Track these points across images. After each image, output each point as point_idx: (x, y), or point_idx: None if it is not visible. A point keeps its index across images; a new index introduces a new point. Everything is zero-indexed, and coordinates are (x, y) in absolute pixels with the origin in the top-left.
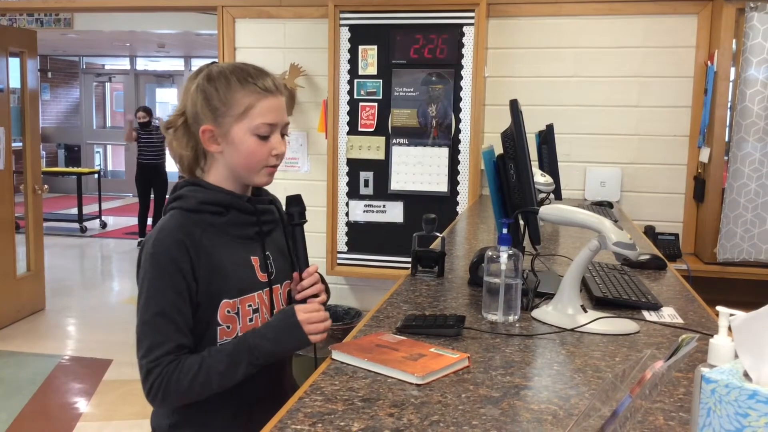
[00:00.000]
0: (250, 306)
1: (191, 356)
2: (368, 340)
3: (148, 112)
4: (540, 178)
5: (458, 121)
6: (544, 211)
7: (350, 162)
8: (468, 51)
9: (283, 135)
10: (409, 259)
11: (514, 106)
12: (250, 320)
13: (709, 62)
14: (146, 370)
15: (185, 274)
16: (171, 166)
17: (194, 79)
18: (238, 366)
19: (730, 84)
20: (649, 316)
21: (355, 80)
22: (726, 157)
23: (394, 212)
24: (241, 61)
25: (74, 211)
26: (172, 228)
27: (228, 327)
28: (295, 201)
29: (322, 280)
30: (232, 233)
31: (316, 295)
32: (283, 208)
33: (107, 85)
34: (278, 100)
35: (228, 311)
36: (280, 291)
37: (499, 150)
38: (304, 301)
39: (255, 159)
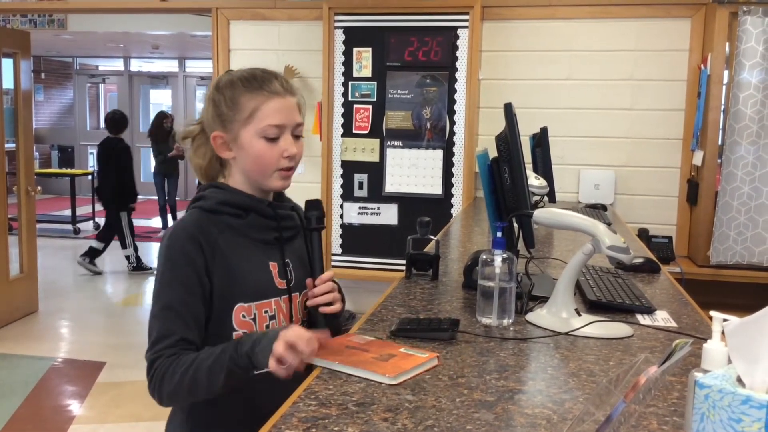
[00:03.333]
0: (266, 312)
1: (191, 353)
2: (338, 342)
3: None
4: (534, 180)
5: (452, 123)
6: (539, 214)
7: (344, 164)
8: (462, 54)
9: (297, 137)
10: (404, 262)
11: (508, 109)
12: (267, 327)
13: (702, 66)
14: (149, 362)
15: (197, 269)
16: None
17: (210, 89)
18: (222, 362)
19: (724, 87)
20: (642, 319)
21: (350, 82)
22: (719, 160)
23: (388, 214)
24: (246, 65)
25: (67, 212)
26: (188, 224)
27: (244, 333)
28: (314, 205)
29: (339, 290)
30: (251, 236)
31: (329, 303)
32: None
33: (101, 86)
34: (286, 101)
35: (243, 316)
36: (299, 300)
37: (493, 153)
38: (316, 308)
39: (265, 162)
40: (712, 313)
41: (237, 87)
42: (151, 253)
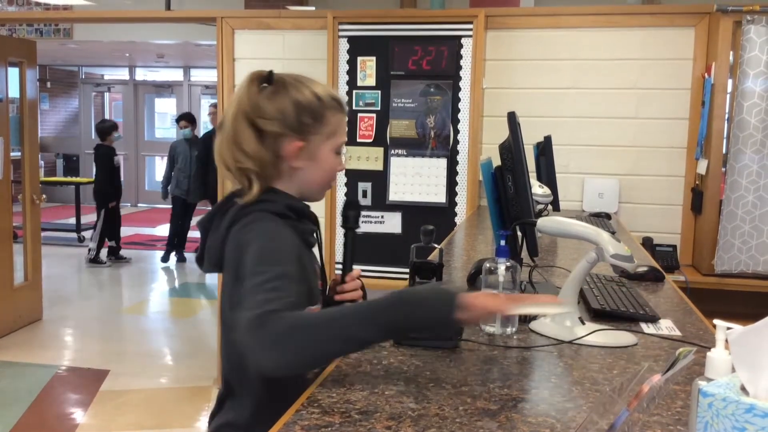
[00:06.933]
0: None
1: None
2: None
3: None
4: (538, 189)
5: (456, 132)
6: (542, 223)
7: (348, 172)
8: (466, 62)
9: None
10: (407, 270)
11: (511, 118)
12: None
13: (706, 74)
14: (258, 315)
15: (298, 260)
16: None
17: (258, 83)
18: (382, 314)
19: (728, 96)
20: (646, 328)
21: (354, 91)
22: (723, 169)
23: (392, 223)
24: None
25: (72, 220)
26: (278, 224)
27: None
28: (354, 205)
29: (362, 288)
30: (306, 241)
31: (353, 301)
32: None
33: (106, 95)
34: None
35: None
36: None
37: (497, 161)
38: (342, 304)
39: (331, 176)
40: (716, 321)
41: (324, 99)
42: (155, 260)
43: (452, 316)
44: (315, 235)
